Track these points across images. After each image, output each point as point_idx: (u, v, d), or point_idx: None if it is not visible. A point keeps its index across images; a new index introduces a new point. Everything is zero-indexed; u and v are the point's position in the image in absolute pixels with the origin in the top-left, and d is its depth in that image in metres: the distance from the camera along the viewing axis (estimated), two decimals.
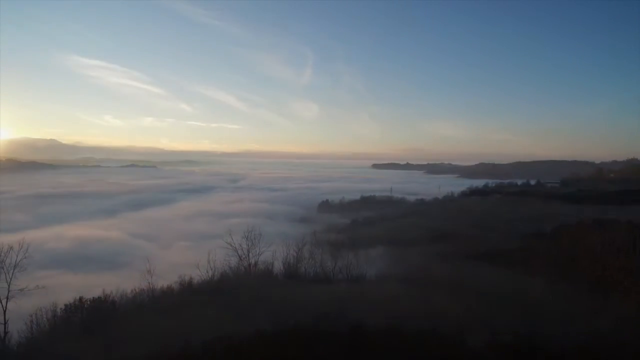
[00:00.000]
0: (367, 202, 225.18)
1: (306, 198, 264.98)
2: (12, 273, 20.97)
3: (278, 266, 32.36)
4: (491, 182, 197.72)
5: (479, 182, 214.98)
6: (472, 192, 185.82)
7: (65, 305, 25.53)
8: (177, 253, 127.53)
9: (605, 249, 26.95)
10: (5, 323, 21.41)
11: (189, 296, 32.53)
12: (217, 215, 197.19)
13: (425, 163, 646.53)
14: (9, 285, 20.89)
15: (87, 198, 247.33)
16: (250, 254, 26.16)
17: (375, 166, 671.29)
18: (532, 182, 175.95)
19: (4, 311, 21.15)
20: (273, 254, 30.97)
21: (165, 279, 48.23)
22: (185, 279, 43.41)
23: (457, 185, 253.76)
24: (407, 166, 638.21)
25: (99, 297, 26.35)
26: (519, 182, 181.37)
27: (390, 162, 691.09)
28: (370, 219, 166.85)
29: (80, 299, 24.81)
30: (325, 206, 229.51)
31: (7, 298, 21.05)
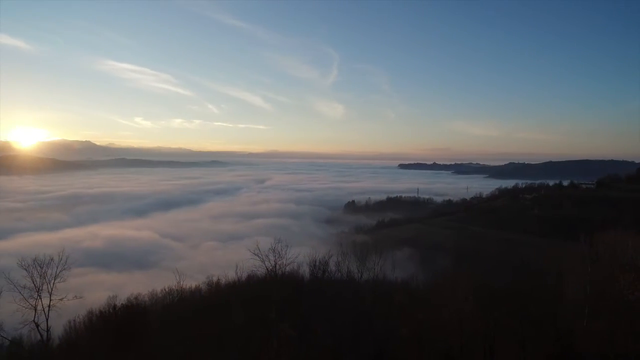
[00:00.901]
0: (393, 203, 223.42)
1: (332, 198, 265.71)
2: (53, 284, 22.15)
3: (305, 274, 32.87)
4: (521, 182, 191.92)
5: (508, 183, 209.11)
6: (502, 194, 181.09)
7: (101, 312, 26.81)
8: (205, 253, 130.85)
9: None
10: (47, 330, 22.78)
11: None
12: (244, 215, 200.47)
13: (453, 163, 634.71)
14: (50, 296, 22.11)
15: (119, 198, 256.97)
16: (277, 266, 26.52)
17: (402, 166, 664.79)
18: (565, 183, 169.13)
19: (47, 319, 22.49)
20: (300, 265, 31.32)
21: (194, 279, 49.61)
22: (212, 279, 44.59)
23: (485, 186, 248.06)
24: (434, 166, 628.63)
25: (130, 304, 27.46)
26: (551, 182, 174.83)
27: (417, 162, 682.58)
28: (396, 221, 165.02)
29: (114, 306, 25.97)
30: (351, 207, 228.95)
31: (50, 307, 22.30)
